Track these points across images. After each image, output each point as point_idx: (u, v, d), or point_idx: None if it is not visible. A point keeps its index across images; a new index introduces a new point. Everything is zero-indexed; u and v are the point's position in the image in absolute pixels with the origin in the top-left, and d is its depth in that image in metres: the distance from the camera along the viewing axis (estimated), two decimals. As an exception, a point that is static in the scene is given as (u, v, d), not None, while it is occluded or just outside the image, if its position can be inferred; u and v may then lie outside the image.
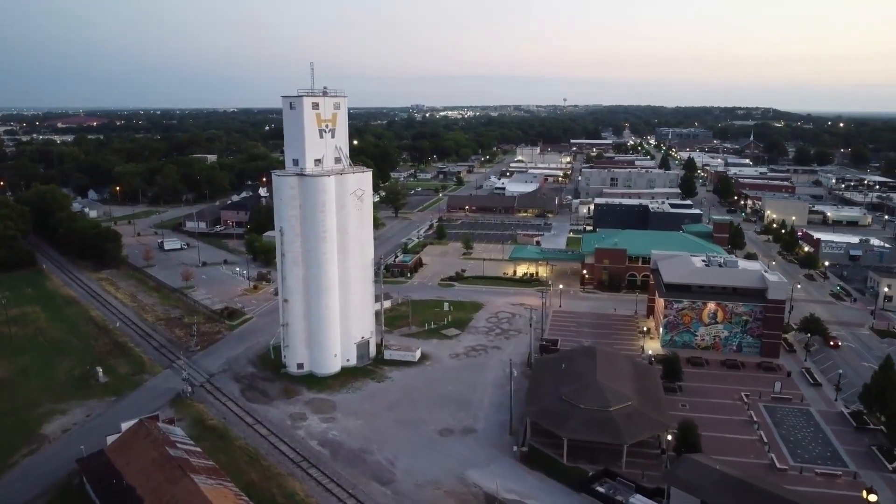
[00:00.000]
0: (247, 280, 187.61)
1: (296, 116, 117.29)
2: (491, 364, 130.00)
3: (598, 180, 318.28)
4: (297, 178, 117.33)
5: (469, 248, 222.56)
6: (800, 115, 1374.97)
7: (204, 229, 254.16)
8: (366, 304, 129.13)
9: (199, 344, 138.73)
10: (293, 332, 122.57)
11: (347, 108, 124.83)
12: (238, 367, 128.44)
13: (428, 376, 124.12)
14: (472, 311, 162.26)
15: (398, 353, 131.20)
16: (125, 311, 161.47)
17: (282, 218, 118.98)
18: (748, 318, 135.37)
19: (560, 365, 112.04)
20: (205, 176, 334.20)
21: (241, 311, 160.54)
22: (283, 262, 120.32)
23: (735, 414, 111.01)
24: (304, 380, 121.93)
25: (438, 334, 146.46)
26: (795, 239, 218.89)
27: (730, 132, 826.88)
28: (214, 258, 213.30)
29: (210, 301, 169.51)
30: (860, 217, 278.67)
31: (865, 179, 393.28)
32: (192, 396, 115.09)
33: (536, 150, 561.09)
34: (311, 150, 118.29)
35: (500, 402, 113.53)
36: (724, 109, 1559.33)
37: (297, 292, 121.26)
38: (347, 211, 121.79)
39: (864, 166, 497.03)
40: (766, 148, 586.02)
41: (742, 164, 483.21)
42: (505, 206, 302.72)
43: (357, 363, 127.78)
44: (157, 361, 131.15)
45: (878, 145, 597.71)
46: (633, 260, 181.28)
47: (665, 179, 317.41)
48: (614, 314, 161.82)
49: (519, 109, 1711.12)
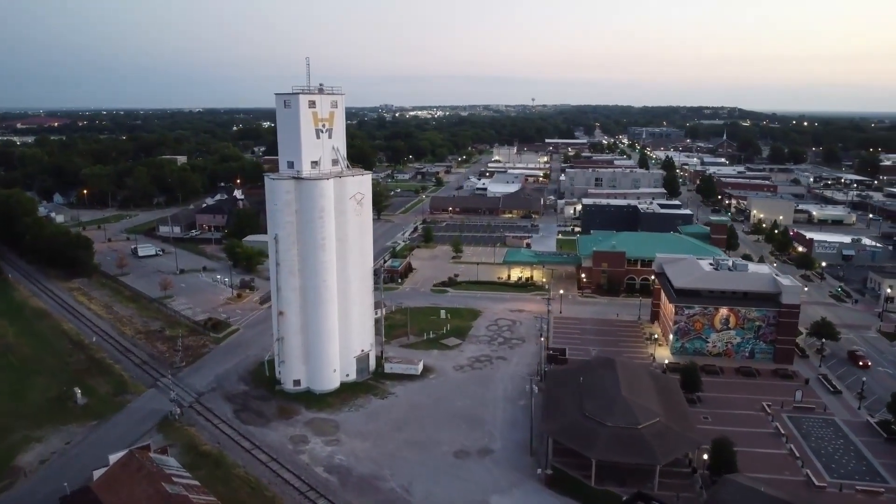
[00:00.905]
0: (229, 288, 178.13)
1: (291, 115, 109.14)
2: (498, 377, 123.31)
3: (582, 180, 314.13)
4: (293, 181, 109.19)
5: (459, 251, 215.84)
6: (765, 115, 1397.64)
7: (179, 234, 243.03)
8: (366, 315, 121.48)
9: (185, 359, 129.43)
10: (289, 346, 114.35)
11: (345, 106, 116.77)
12: (229, 384, 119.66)
13: (433, 391, 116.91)
14: (471, 319, 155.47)
15: (400, 367, 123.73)
16: (101, 323, 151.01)
17: (277, 225, 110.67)
18: (761, 323, 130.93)
19: (577, 378, 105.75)
20: (176, 178, 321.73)
21: (227, 323, 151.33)
22: (279, 271, 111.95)
23: (759, 426, 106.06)
24: (301, 398, 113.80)
25: (438, 344, 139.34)
26: (789, 239, 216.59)
27: (700, 131, 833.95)
28: (192, 265, 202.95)
29: (191, 311, 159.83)
30: (845, 216, 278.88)
31: (842, 178, 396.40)
32: (182, 419, 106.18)
33: (513, 150, 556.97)
34: (307, 151, 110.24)
35: (513, 418, 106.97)
36: (691, 109, 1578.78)
37: (293, 304, 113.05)
38: (347, 216, 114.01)
39: (837, 165, 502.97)
40: (739, 147, 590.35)
41: (718, 163, 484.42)
42: (489, 207, 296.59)
43: (357, 378, 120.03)
44: (139, 380, 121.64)
45: (847, 144, 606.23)
46: (632, 263, 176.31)
47: (649, 179, 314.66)
48: (617, 320, 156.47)
49: (488, 109, 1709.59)
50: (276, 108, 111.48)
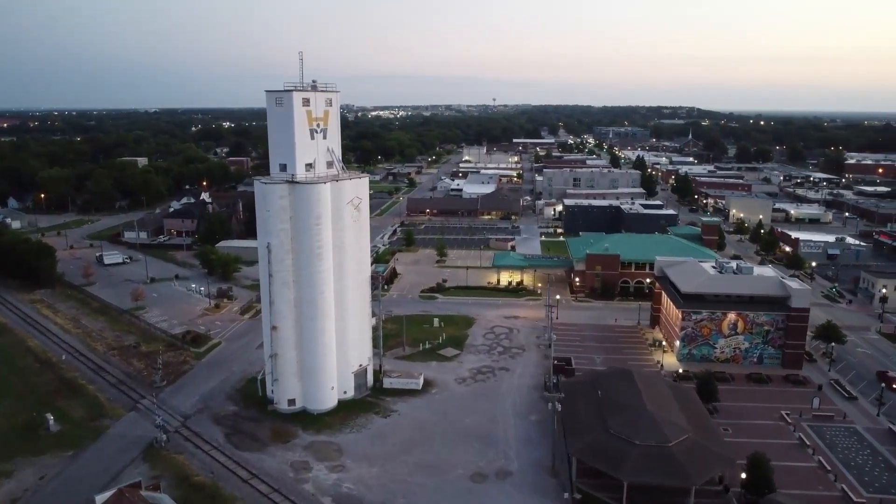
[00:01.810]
0: (206, 298, 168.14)
1: (283, 114, 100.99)
2: (504, 389, 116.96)
3: (560, 181, 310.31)
4: (287, 185, 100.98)
5: (443, 255, 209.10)
6: (723, 114, 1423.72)
7: (146, 240, 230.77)
8: (363, 327, 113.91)
9: (165, 378, 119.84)
10: (283, 363, 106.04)
11: (339, 104, 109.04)
12: (216, 405, 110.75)
13: (438, 407, 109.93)
14: (465, 327, 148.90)
15: (400, 381, 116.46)
16: (70, 339, 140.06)
17: (269, 233, 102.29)
18: (770, 327, 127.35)
19: (595, 391, 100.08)
20: (139, 181, 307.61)
21: (207, 336, 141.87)
22: (272, 283, 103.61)
23: (782, 437, 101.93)
24: (297, 418, 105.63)
25: (436, 355, 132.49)
26: (775, 239, 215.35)
27: (663, 131, 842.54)
28: (164, 273, 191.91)
29: (167, 324, 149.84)
30: (821, 214, 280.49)
31: (811, 177, 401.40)
32: (168, 446, 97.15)
33: (483, 150, 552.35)
34: (301, 153, 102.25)
35: (527, 435, 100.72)
36: (651, 109, 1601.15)
37: (287, 318, 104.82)
38: (344, 223, 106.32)
39: (802, 164, 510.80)
40: (705, 146, 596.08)
41: (686, 163, 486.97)
42: (467, 208, 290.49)
43: (355, 395, 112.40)
44: (117, 402, 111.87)
45: (808, 143, 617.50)
46: (626, 266, 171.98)
47: (628, 179, 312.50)
48: (616, 325, 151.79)
49: (450, 109, 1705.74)
50: (267, 107, 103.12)
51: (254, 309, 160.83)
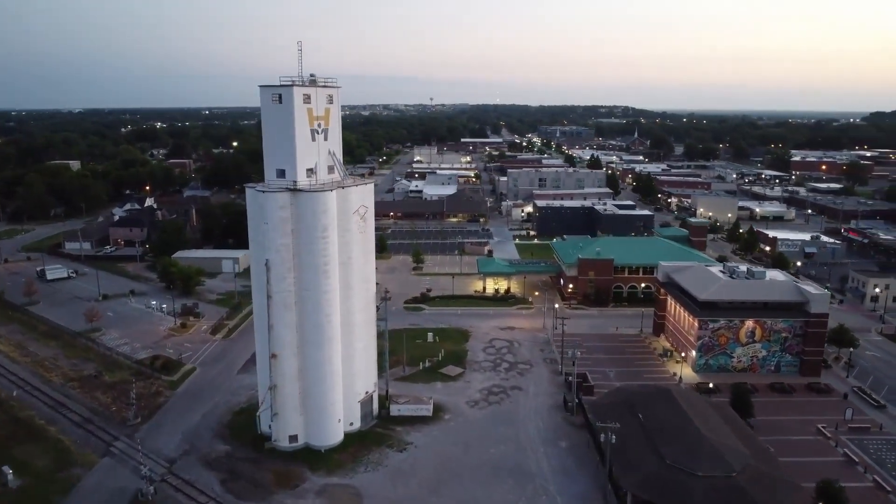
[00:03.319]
0: (169, 316, 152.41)
1: (282, 113, 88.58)
2: (522, 412, 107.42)
3: (526, 181, 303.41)
4: (288, 194, 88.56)
5: (420, 262, 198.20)
6: (656, 113, 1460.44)
7: (90, 251, 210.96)
8: (370, 350, 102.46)
9: (139, 414, 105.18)
10: (284, 395, 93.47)
11: (340, 103, 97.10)
12: (204, 444, 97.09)
13: (456, 437, 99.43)
14: (462, 341, 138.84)
15: (408, 408, 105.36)
16: (18, 370, 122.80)
17: (267, 248, 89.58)
18: (787, 334, 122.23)
19: (633, 413, 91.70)
20: (76, 186, 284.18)
21: (178, 361, 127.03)
22: (271, 305, 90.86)
23: (826, 453, 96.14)
24: (302, 457, 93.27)
25: (439, 375, 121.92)
26: (755, 238, 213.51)
27: (605, 129, 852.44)
28: (116, 288, 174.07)
29: (129, 348, 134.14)
30: (785, 212, 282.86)
31: (762, 174, 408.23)
32: (156, 498, 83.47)
33: (434, 150, 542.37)
34: (302, 156, 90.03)
35: (562, 466, 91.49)
36: (587, 108, 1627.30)
37: (289, 344, 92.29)
38: (351, 235, 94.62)
39: (746, 161, 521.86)
40: (652, 144, 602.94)
41: (637, 161, 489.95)
42: (433, 210, 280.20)
43: (361, 426, 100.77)
44: (85, 445, 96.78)
45: (748, 141, 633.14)
46: (619, 270, 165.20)
47: (593, 179, 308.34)
48: (618, 334, 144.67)
49: (388, 109, 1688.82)
50: (262, 105, 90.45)
51: (225, 327, 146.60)
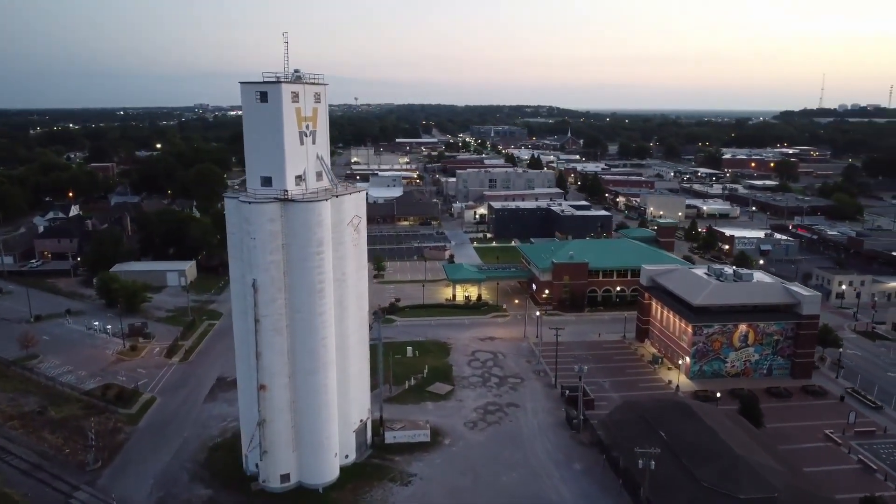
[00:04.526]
0: (116, 338, 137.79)
1: (269, 114, 78.42)
2: (525, 432, 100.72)
3: (476, 182, 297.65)
4: (278, 205, 78.51)
5: (381, 269, 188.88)
6: (580, 113, 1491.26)
7: (12, 266, 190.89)
8: (364, 375, 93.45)
9: (99, 457, 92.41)
10: (275, 431, 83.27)
11: (327, 103, 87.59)
12: (181, 489, 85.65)
13: (462, 464, 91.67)
14: (444, 355, 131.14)
15: (405, 434, 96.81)
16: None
17: (255, 266, 79.14)
18: (779, 337, 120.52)
19: (651, 429, 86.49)
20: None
21: (134, 390, 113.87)
22: (259, 330, 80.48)
23: (841, 461, 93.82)
24: (295, 498, 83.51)
25: (427, 394, 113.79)
26: (715, 238, 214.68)
27: (535, 129, 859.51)
28: (50, 308, 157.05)
29: (74, 377, 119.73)
30: (730, 210, 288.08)
31: (698, 172, 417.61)
32: (135, 561, 72.10)
33: (371, 151, 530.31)
34: (292, 162, 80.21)
35: (582, 491, 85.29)
36: (514, 107, 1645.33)
37: (279, 374, 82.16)
38: (345, 248, 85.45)
39: (677, 159, 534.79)
40: (586, 143, 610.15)
41: (573, 160, 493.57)
42: (384, 214, 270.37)
43: (356, 458, 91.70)
44: (38, 499, 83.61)
45: (678, 140, 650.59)
46: (592, 274, 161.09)
47: (543, 179, 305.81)
48: (601, 340, 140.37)
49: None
50: (244, 105, 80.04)
51: (181, 349, 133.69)
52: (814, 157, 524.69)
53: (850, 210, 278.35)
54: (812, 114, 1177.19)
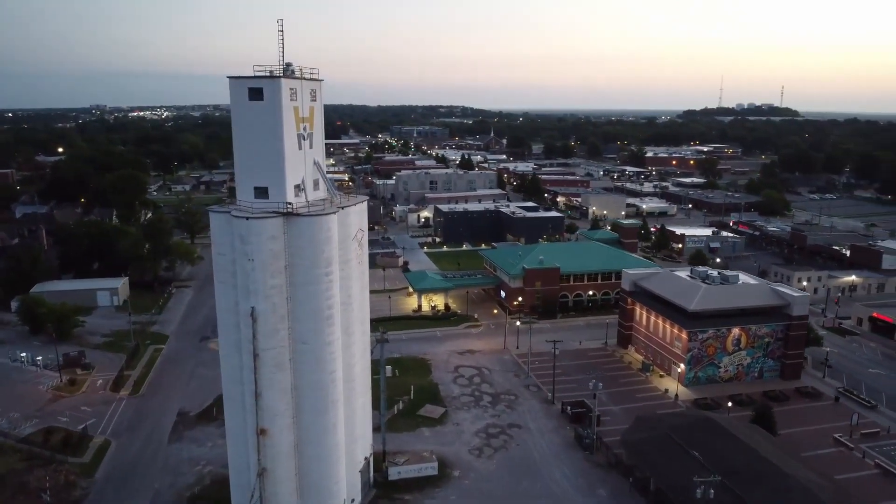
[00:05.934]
0: (49, 370, 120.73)
1: (265, 114, 67.23)
2: (537, 457, 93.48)
3: (416, 184, 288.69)
4: (281, 220, 67.51)
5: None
6: (493, 112, 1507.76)
7: None
8: (367, 407, 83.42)
9: (55, 520, 78.20)
10: (277, 479, 72.04)
11: (324, 101, 77.18)
12: (163, 555, 73.15)
13: (479, 500, 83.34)
14: (425, 373, 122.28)
15: (411, 469, 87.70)
16: None
17: (255, 292, 67.70)
18: (770, 339, 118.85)
19: (679, 448, 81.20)
20: None
21: (83, 433, 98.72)
22: (259, 365, 69.11)
23: (857, 466, 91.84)
24: (304, 556, 72.70)
25: (420, 418, 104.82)
26: (666, 237, 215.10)
27: (456, 129, 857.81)
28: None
29: (6, 420, 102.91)
30: (668, 208, 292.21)
31: (626, 170, 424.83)
32: None
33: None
34: (291, 169, 69.41)
35: (616, 522, 78.82)
36: (427, 107, 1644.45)
37: (282, 414, 70.98)
38: (351, 267, 75.32)
39: (600, 158, 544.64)
40: (510, 143, 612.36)
41: (501, 160, 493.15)
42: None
43: (362, 500, 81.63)
44: (-14, 582, 69.18)
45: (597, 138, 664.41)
46: (563, 279, 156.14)
47: (484, 180, 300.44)
48: (584, 348, 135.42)
49: (220, 109, 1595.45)
50: (233, 103, 68.30)
51: (129, 380, 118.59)
52: (728, 155, 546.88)
53: (778, 206, 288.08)
54: (713, 112, 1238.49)
